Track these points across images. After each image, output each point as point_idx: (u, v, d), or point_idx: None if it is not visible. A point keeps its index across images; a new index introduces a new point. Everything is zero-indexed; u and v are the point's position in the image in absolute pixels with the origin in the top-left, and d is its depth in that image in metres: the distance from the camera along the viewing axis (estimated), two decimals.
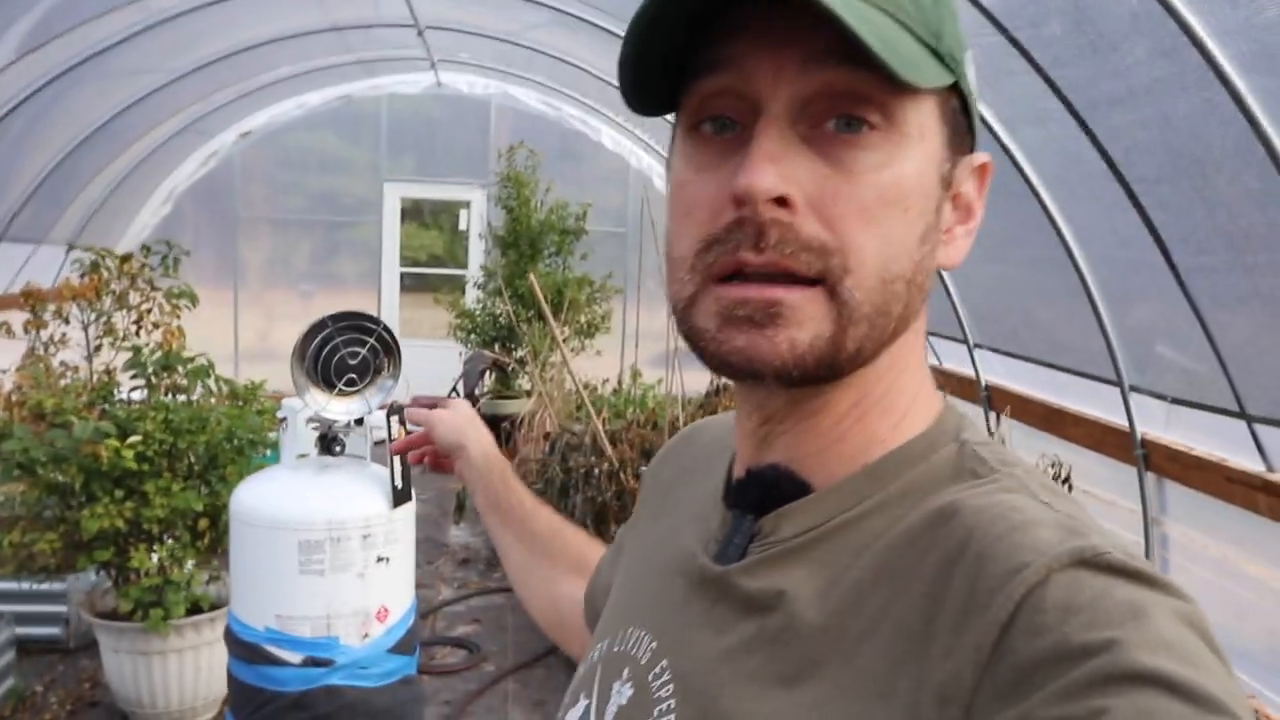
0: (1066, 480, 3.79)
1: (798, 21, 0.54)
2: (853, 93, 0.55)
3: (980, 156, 0.65)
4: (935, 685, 0.50)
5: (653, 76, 0.60)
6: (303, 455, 2.34)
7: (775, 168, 0.54)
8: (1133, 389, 3.67)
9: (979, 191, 0.65)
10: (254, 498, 2.26)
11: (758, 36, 0.56)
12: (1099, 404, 3.98)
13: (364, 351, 2.13)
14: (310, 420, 2.31)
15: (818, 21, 0.51)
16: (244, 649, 2.27)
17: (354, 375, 2.14)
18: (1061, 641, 0.46)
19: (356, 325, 2.15)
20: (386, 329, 2.16)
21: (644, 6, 0.55)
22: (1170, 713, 0.42)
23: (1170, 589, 0.49)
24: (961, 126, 0.62)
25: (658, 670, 0.64)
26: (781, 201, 0.55)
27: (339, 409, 2.17)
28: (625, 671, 0.67)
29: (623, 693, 0.66)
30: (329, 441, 2.30)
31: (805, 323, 0.56)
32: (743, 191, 0.54)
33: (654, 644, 0.66)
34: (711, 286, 0.58)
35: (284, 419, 2.33)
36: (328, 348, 2.13)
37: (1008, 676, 0.47)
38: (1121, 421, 3.75)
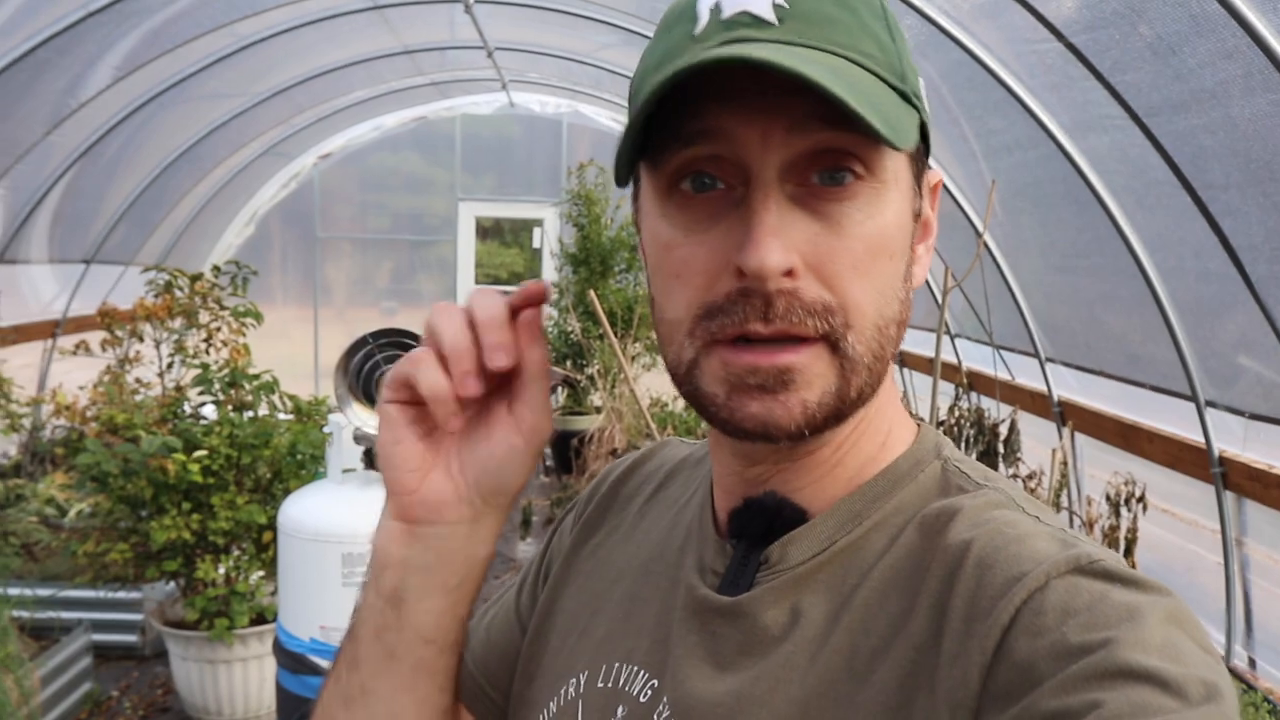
0: (1141, 499, 3.65)
1: (779, 87, 0.53)
2: (837, 150, 0.56)
3: (935, 175, 0.66)
4: (945, 692, 0.52)
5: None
6: (349, 470, 2.40)
7: (779, 241, 0.55)
8: (1209, 404, 3.51)
9: (933, 206, 0.66)
10: (300, 511, 2.33)
11: (741, 106, 0.56)
12: (1174, 420, 3.82)
13: None
14: (356, 436, 2.36)
15: (799, 88, 0.52)
16: (290, 659, 2.33)
17: None
18: (1060, 641, 0.49)
19: (397, 341, 2.19)
20: None
21: (651, 91, 0.54)
22: (1161, 707, 0.45)
23: (1160, 590, 0.51)
24: (921, 153, 0.63)
25: (661, 708, 0.63)
26: (786, 272, 0.56)
27: None
28: (620, 710, 0.66)
29: None
30: (373, 456, 2.35)
31: (814, 381, 0.57)
32: (755, 271, 0.55)
33: (653, 681, 0.65)
34: (716, 349, 0.58)
35: (331, 434, 2.38)
36: (369, 364, 2.18)
37: (1009, 675, 0.49)
38: (1198, 438, 3.60)
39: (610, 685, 0.68)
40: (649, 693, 0.65)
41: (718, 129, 0.56)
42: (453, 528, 0.66)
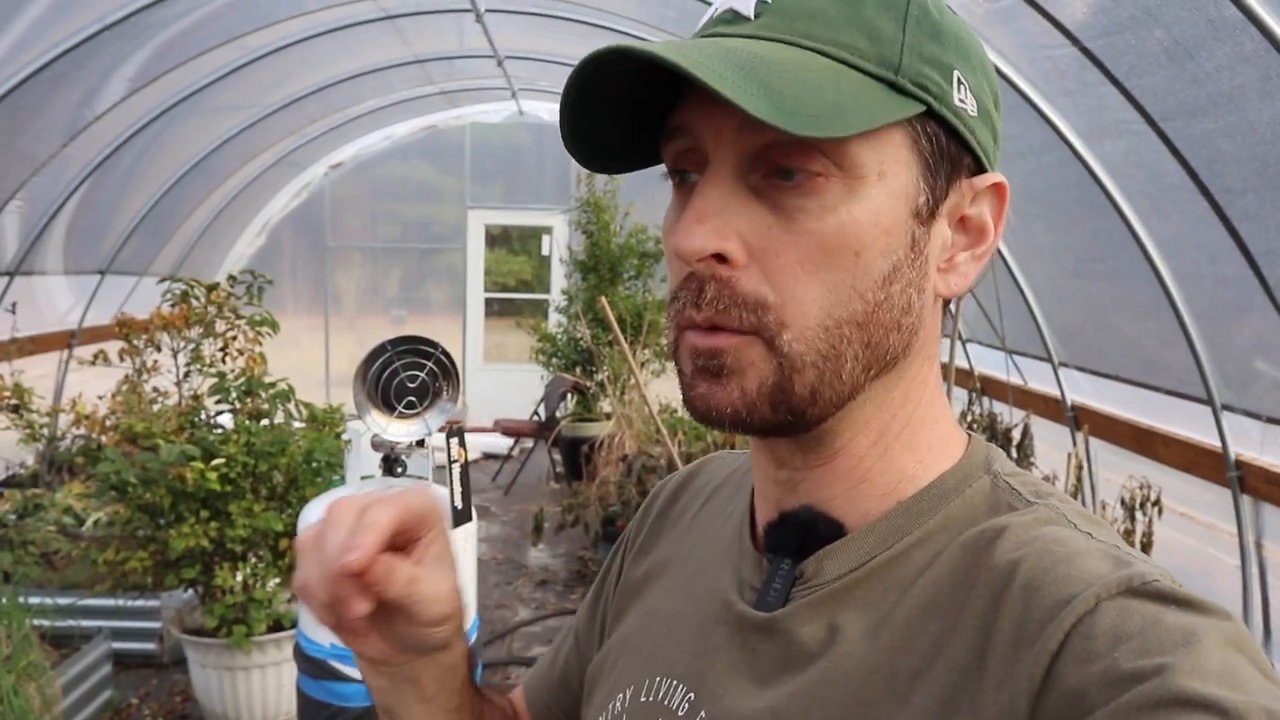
0: (1156, 503, 3.65)
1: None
2: (793, 145, 0.55)
3: (989, 177, 0.62)
4: (990, 718, 0.50)
5: (602, 138, 0.62)
6: (367, 476, 2.41)
7: (705, 227, 0.56)
8: (1225, 408, 3.51)
9: (996, 213, 0.63)
10: (317, 517, 2.34)
11: (703, 103, 0.57)
12: (1190, 424, 3.82)
13: (423, 375, 2.18)
14: (374, 442, 2.37)
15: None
16: (311, 664, 2.33)
17: (413, 398, 2.20)
18: (1112, 667, 0.46)
19: (415, 349, 2.20)
20: (445, 352, 2.20)
21: (570, 79, 0.57)
22: None
23: (1219, 613, 0.49)
24: (950, 151, 0.60)
25: None
26: (720, 257, 0.56)
27: (399, 431, 2.23)
28: None
29: None
30: (392, 463, 2.36)
31: (747, 369, 0.57)
32: (673, 252, 0.57)
33: (691, 695, 0.65)
34: (684, 332, 0.60)
35: (349, 441, 2.40)
36: (387, 371, 2.19)
37: (1059, 703, 0.47)
38: (1214, 442, 3.59)
39: (651, 699, 0.68)
40: (686, 706, 0.65)
41: (685, 124, 0.58)
42: (407, 665, 0.70)
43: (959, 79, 0.59)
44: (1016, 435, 4.29)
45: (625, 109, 0.60)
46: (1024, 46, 3.49)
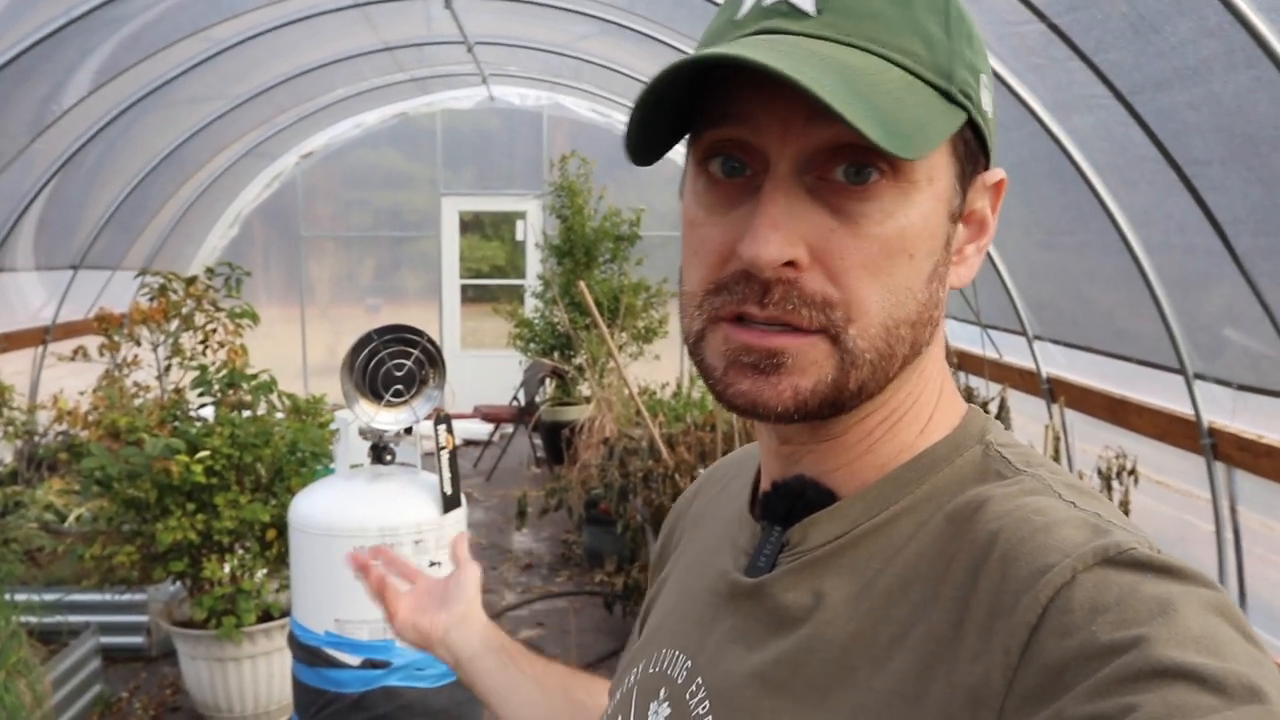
0: (1132, 472, 3.71)
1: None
2: (859, 145, 0.55)
3: (995, 174, 0.64)
4: (966, 688, 0.51)
5: (656, 129, 0.60)
6: (356, 465, 2.42)
7: (780, 234, 0.55)
8: (1197, 376, 3.58)
9: (993, 207, 0.65)
10: (310, 507, 2.35)
11: (767, 94, 0.56)
12: (1163, 393, 3.89)
13: (409, 363, 2.19)
14: (362, 431, 2.39)
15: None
16: (306, 652, 2.35)
17: (400, 387, 2.21)
18: (1090, 641, 0.47)
19: (402, 338, 2.22)
20: (431, 341, 2.22)
21: (653, 80, 0.55)
22: (1200, 706, 0.42)
23: (1198, 580, 0.49)
24: (974, 153, 0.62)
25: (694, 688, 0.65)
26: (789, 263, 0.56)
27: (387, 419, 2.25)
28: (662, 692, 0.68)
29: (660, 712, 0.67)
30: (380, 451, 2.37)
31: (808, 368, 0.57)
32: (749, 262, 0.56)
33: (689, 662, 0.67)
34: (720, 323, 0.59)
35: (337, 430, 2.41)
36: (374, 360, 2.20)
37: (1038, 678, 0.48)
38: (1187, 410, 3.66)
39: (657, 670, 0.70)
40: (684, 674, 0.67)
41: (742, 113, 0.57)
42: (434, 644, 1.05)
43: (984, 82, 0.61)
44: (993, 409, 4.35)
45: (683, 100, 0.58)
46: (993, 23, 3.53)
